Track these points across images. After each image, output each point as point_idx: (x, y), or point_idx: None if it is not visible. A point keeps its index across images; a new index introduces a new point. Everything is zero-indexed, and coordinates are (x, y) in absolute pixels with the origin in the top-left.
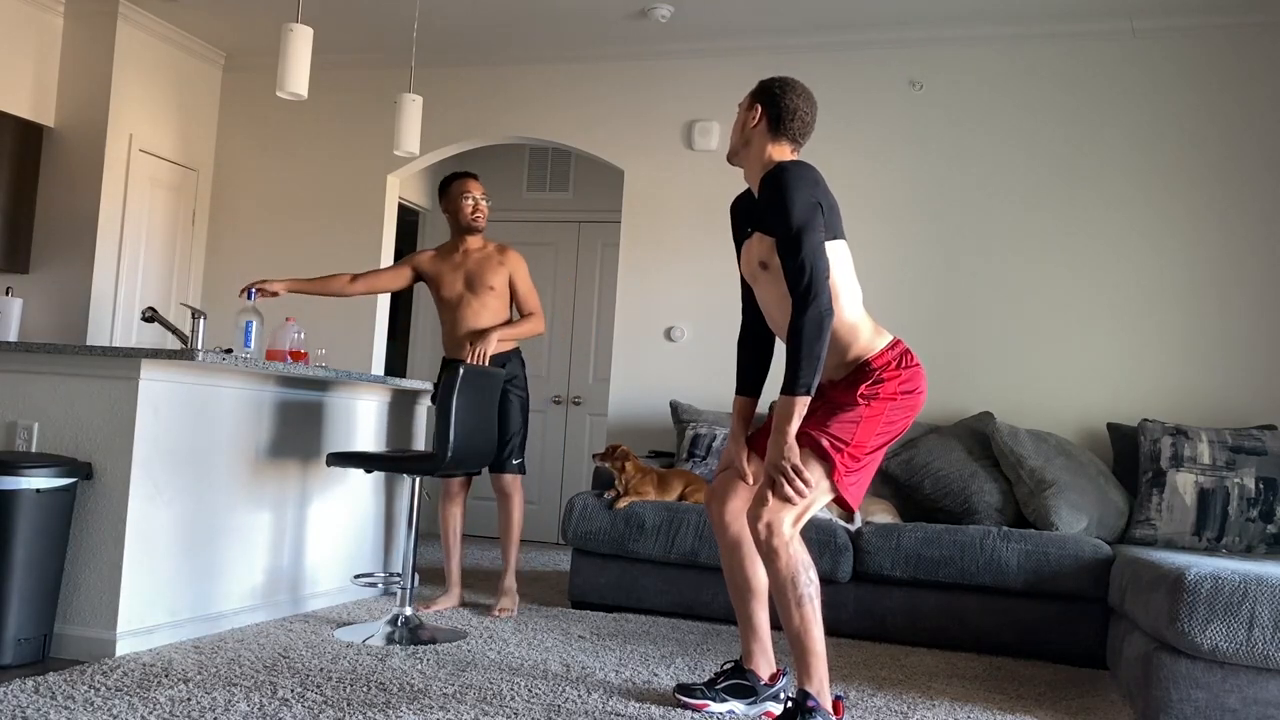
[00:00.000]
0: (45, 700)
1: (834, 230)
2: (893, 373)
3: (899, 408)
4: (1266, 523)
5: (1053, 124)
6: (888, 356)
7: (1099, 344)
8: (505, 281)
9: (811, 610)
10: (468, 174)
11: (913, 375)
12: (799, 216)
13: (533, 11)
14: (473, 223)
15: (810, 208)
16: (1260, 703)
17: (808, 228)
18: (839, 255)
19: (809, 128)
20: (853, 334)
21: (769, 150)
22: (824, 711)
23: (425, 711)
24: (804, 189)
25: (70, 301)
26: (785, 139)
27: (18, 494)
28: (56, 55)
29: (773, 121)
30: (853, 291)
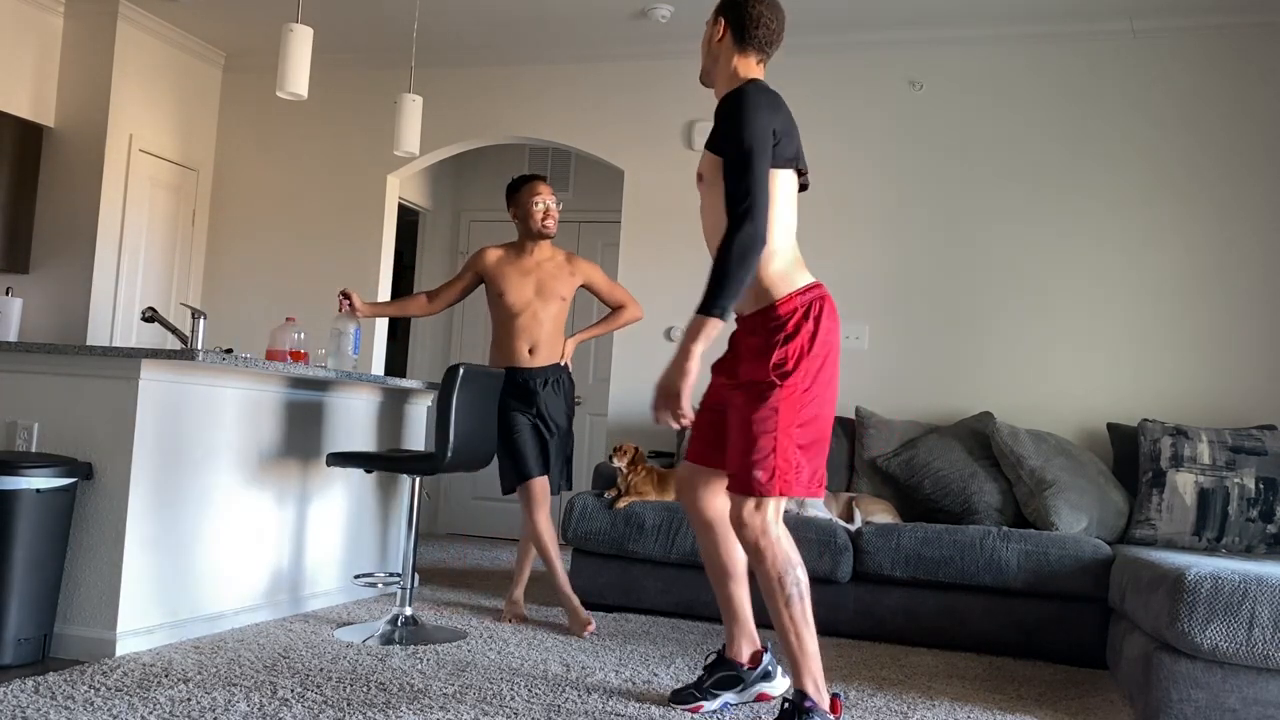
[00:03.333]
0: (45, 700)
1: (782, 157)
2: (799, 324)
3: (814, 373)
4: (1266, 523)
5: (1053, 124)
6: (795, 303)
7: (1099, 344)
8: (573, 291)
9: (800, 610)
10: (537, 176)
11: (822, 331)
12: (749, 141)
13: (533, 11)
14: (544, 229)
15: (762, 133)
16: (1260, 703)
17: (756, 154)
18: (780, 183)
19: (775, 35)
20: (768, 260)
21: (735, 63)
22: (821, 711)
23: (425, 711)
24: (759, 113)
25: (70, 301)
26: (751, 49)
27: (18, 494)
28: (56, 55)
29: (737, 32)
30: (785, 222)
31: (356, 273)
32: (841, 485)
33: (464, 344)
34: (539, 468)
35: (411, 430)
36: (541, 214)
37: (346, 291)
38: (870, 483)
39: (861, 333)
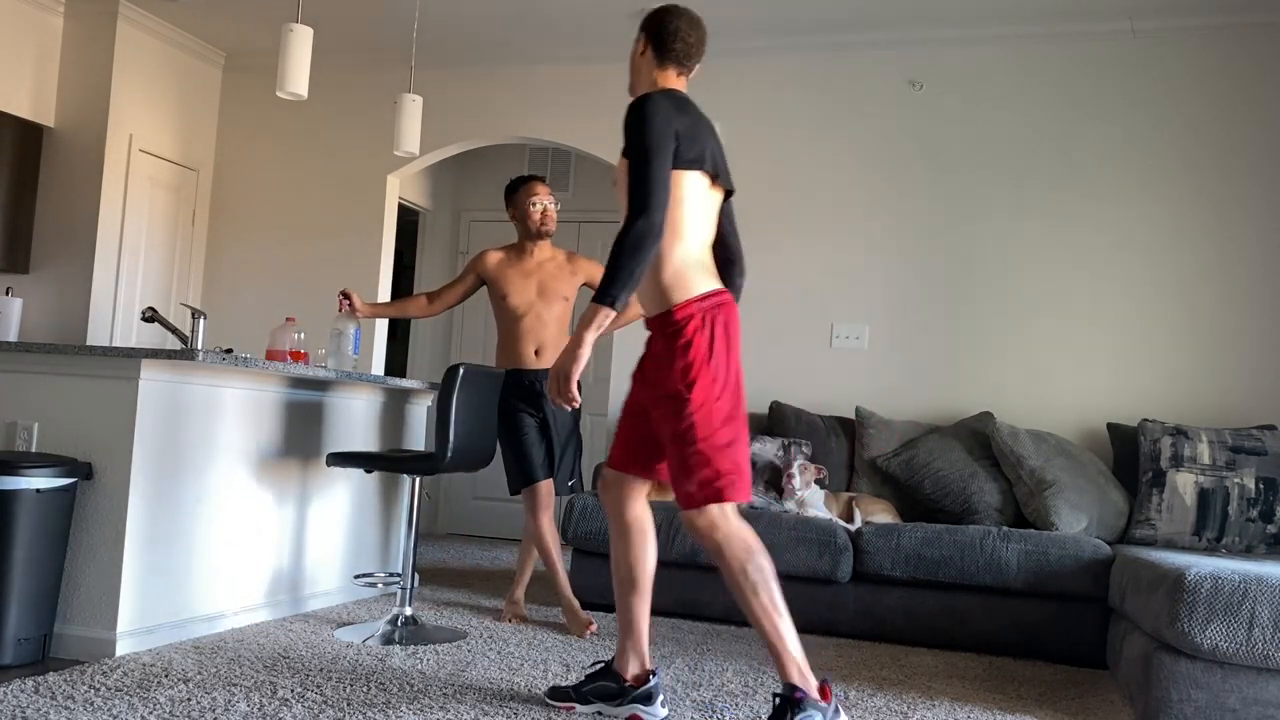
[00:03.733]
0: (45, 700)
1: (684, 159)
2: (695, 331)
3: (721, 379)
4: (1266, 523)
5: (1053, 124)
6: (692, 309)
7: (1099, 344)
8: (576, 291)
9: (768, 598)
10: (534, 177)
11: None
12: (646, 141)
13: (533, 11)
14: (542, 229)
15: (660, 134)
16: (1260, 703)
17: (653, 153)
18: (684, 185)
19: (693, 49)
20: (667, 263)
21: (655, 76)
22: (812, 700)
23: (425, 711)
24: (658, 116)
25: (70, 301)
26: (670, 62)
27: (18, 494)
28: (56, 55)
29: (656, 46)
30: (690, 226)
31: (356, 273)
32: (841, 485)
33: (464, 344)
34: (544, 470)
35: (411, 430)
36: (539, 215)
37: (346, 292)
38: (870, 483)
39: (861, 333)
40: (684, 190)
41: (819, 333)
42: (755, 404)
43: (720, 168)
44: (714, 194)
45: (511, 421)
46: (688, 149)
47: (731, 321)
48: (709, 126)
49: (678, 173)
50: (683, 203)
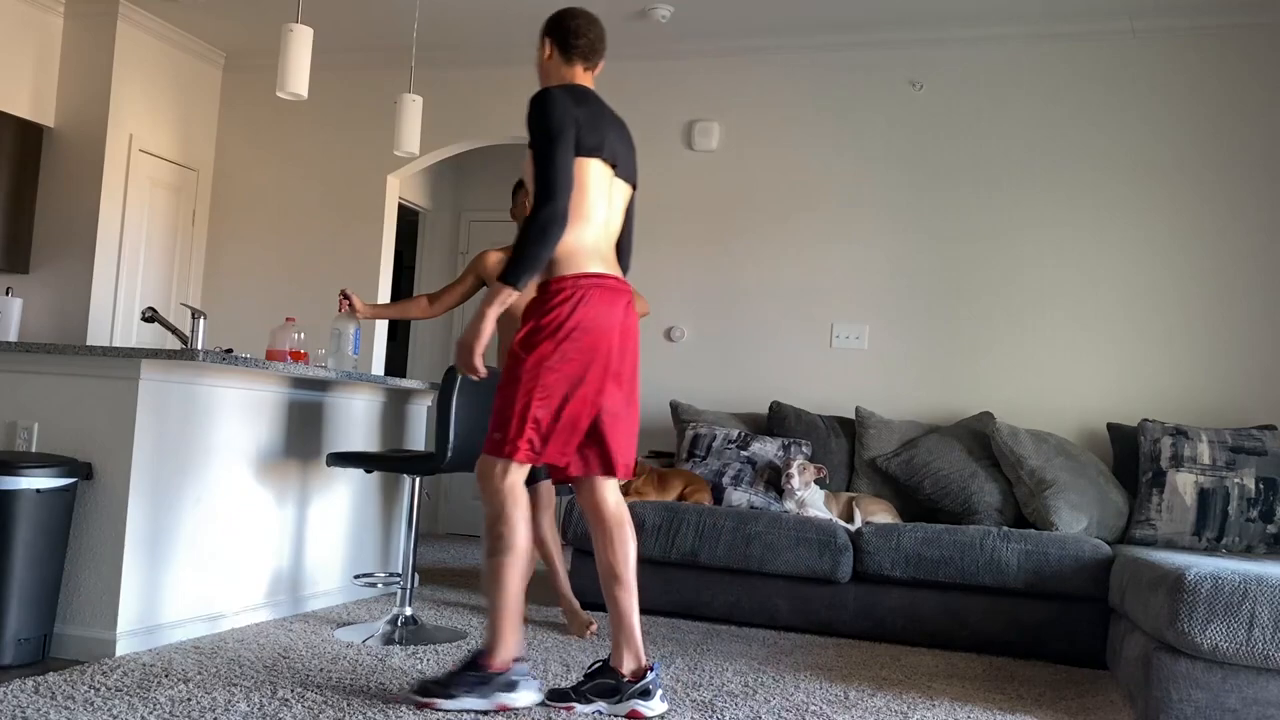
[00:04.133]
0: (45, 700)
1: (584, 146)
2: (559, 304)
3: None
4: (1266, 523)
5: (1053, 124)
6: (566, 284)
7: (1099, 344)
8: None
9: (499, 563)
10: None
11: (579, 318)
12: (547, 129)
13: (533, 11)
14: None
15: (560, 122)
16: (1260, 703)
17: (554, 140)
18: (590, 173)
19: (595, 44)
20: (564, 244)
21: (564, 75)
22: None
23: (425, 711)
24: (557, 105)
25: (70, 301)
26: (576, 59)
27: (18, 494)
28: (56, 55)
29: (561, 47)
30: (592, 213)
31: (356, 273)
32: (841, 485)
33: None
34: (544, 471)
35: (411, 430)
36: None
37: (346, 292)
38: (870, 483)
39: (861, 333)
40: (585, 177)
41: (819, 333)
42: (755, 404)
43: (621, 160)
44: (618, 185)
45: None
46: (587, 137)
47: (605, 303)
48: (614, 121)
49: (578, 160)
50: (584, 188)
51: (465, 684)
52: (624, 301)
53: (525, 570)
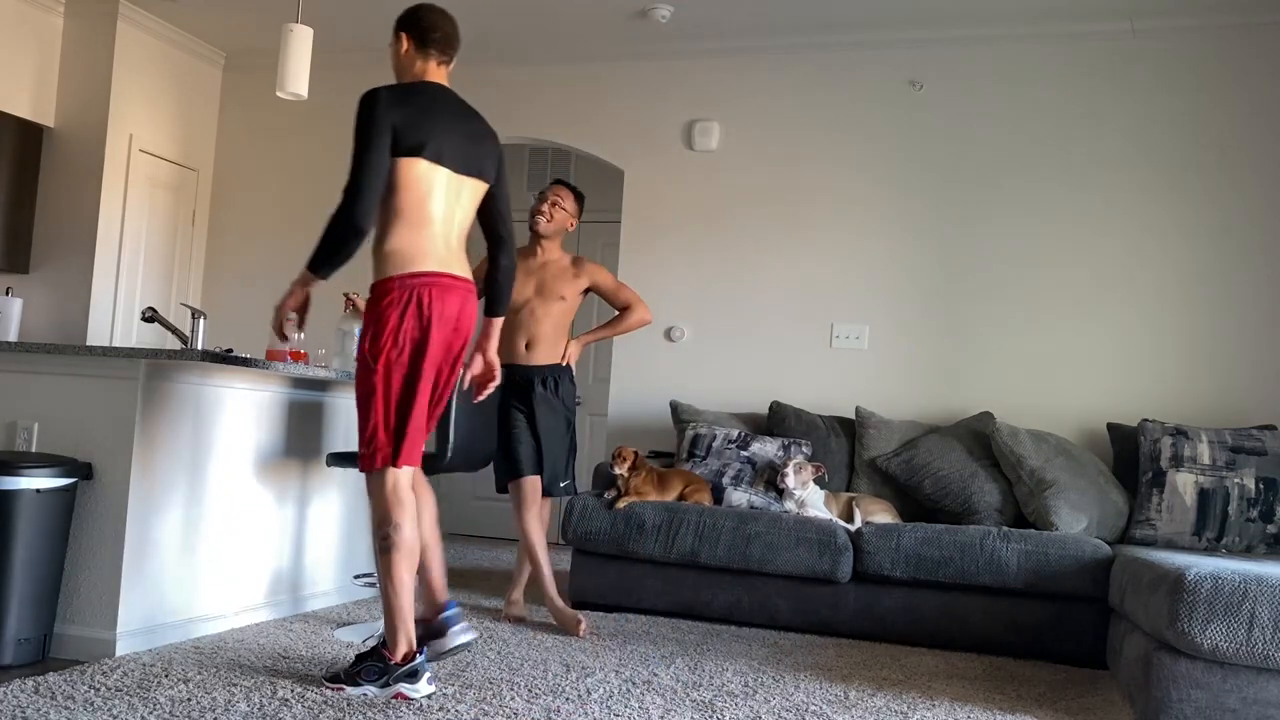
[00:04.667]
0: (45, 700)
1: (405, 146)
2: (391, 304)
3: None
4: (1266, 523)
5: (1052, 124)
6: (394, 284)
7: (1099, 344)
8: (577, 294)
9: (390, 561)
10: (561, 181)
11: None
12: (360, 134)
13: (533, 12)
14: (533, 224)
15: (374, 125)
16: (1260, 703)
17: (364, 143)
18: (408, 172)
19: (451, 38)
20: (385, 240)
21: (419, 69)
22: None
23: (425, 712)
24: (377, 107)
25: (70, 301)
26: (432, 52)
27: (18, 494)
28: (56, 55)
29: (418, 41)
30: (418, 212)
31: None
32: (841, 485)
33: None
34: (530, 467)
35: None
36: (533, 210)
37: (350, 295)
38: (870, 483)
39: (861, 333)
40: (403, 177)
41: (819, 333)
42: (755, 404)
43: (459, 158)
44: (465, 182)
45: (502, 416)
46: (408, 137)
47: (440, 301)
48: (457, 118)
49: (397, 160)
50: (404, 188)
51: (368, 673)
52: (458, 298)
53: (414, 565)
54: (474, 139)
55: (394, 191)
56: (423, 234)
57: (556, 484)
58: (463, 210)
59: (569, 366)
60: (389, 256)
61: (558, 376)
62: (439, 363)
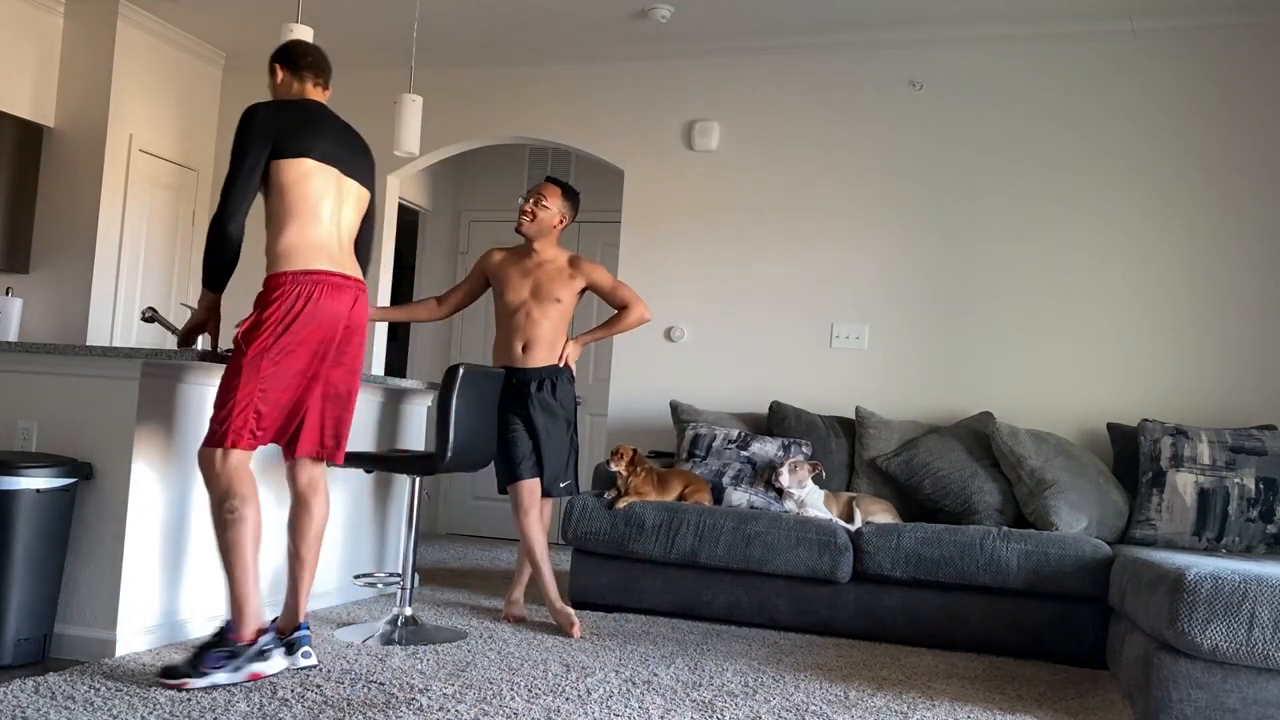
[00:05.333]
0: (45, 700)
1: (286, 150)
2: (276, 299)
3: (282, 348)
4: (1266, 523)
5: (1052, 124)
6: (282, 280)
7: (1099, 344)
8: (574, 295)
9: (234, 540)
10: (549, 178)
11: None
12: (237, 147)
13: (533, 12)
14: (517, 225)
15: (251, 135)
16: (1260, 703)
17: (239, 153)
18: (291, 174)
19: (322, 62)
20: (275, 239)
21: (295, 91)
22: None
23: (425, 712)
24: (255, 121)
25: (70, 301)
26: (306, 75)
27: (18, 494)
28: (56, 55)
29: (291, 69)
30: (302, 213)
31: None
32: (841, 485)
33: (464, 344)
34: (529, 470)
35: (411, 430)
36: (519, 211)
37: None
38: (870, 483)
39: (861, 333)
40: (286, 178)
41: (819, 333)
42: (755, 404)
43: (344, 164)
44: (349, 185)
45: (501, 418)
46: (293, 141)
47: (328, 299)
48: (339, 130)
49: (279, 162)
50: (296, 187)
51: (213, 661)
52: (349, 297)
53: (258, 541)
54: (355, 149)
55: (286, 191)
56: (312, 233)
57: (556, 484)
58: (350, 213)
59: (567, 367)
60: (280, 254)
61: (555, 378)
62: (319, 359)
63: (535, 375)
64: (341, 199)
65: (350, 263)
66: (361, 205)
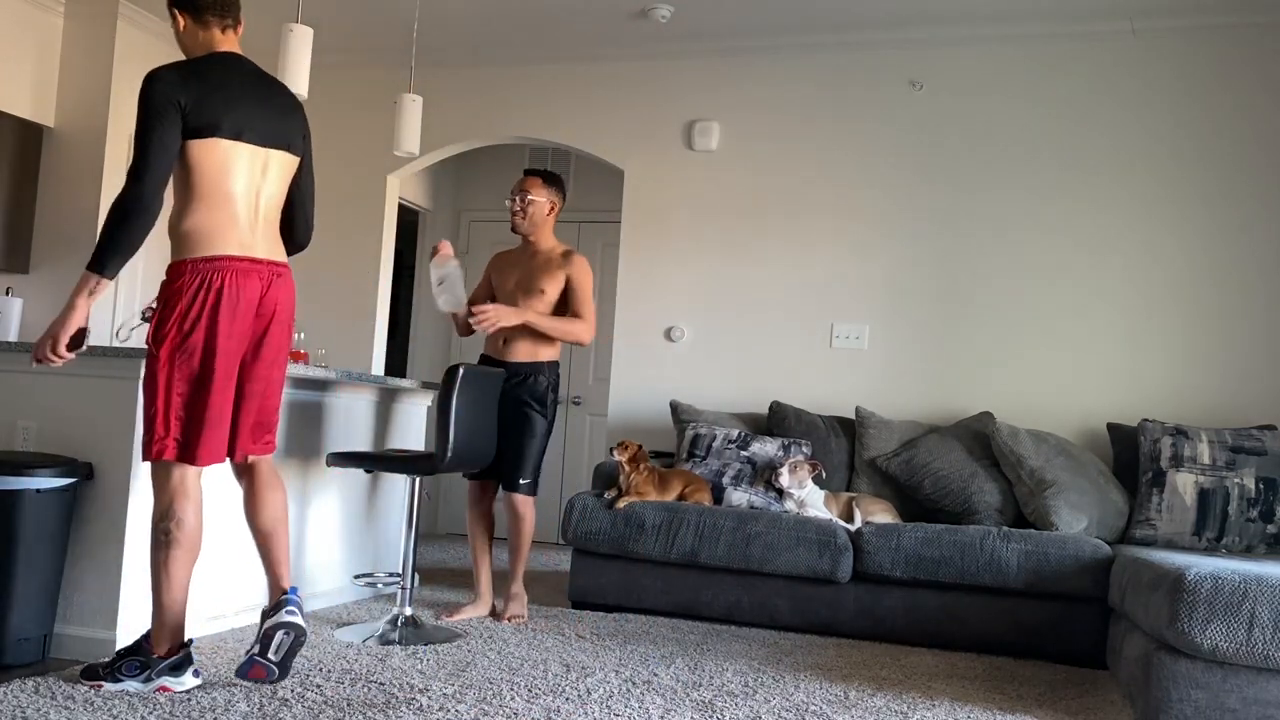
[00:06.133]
0: (45, 700)
1: (193, 126)
2: (182, 289)
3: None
4: (1266, 523)
5: (1052, 124)
6: (186, 268)
7: (1099, 344)
8: (559, 287)
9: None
10: (527, 171)
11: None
12: (143, 115)
13: (533, 11)
14: (512, 226)
15: (156, 106)
16: (1260, 703)
17: (146, 125)
18: (210, 151)
19: (225, 2)
20: (178, 222)
21: (201, 39)
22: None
23: (425, 712)
24: (158, 89)
25: None
26: (211, 19)
27: (18, 494)
28: (56, 55)
29: (192, 12)
30: (212, 193)
31: (356, 273)
32: (841, 485)
33: (464, 344)
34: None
35: (411, 430)
36: (510, 213)
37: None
38: (870, 483)
39: (861, 333)
40: (198, 156)
41: (819, 333)
42: (755, 404)
43: (261, 130)
44: (271, 156)
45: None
46: (199, 116)
47: (235, 287)
48: (253, 87)
49: (192, 142)
50: (200, 168)
51: (128, 668)
52: (260, 283)
53: (193, 560)
54: (278, 111)
55: (190, 171)
56: (220, 215)
57: (516, 481)
58: (271, 187)
59: (550, 363)
60: (184, 238)
61: (531, 373)
62: (238, 352)
63: (511, 369)
64: (259, 173)
65: (267, 244)
66: (287, 174)
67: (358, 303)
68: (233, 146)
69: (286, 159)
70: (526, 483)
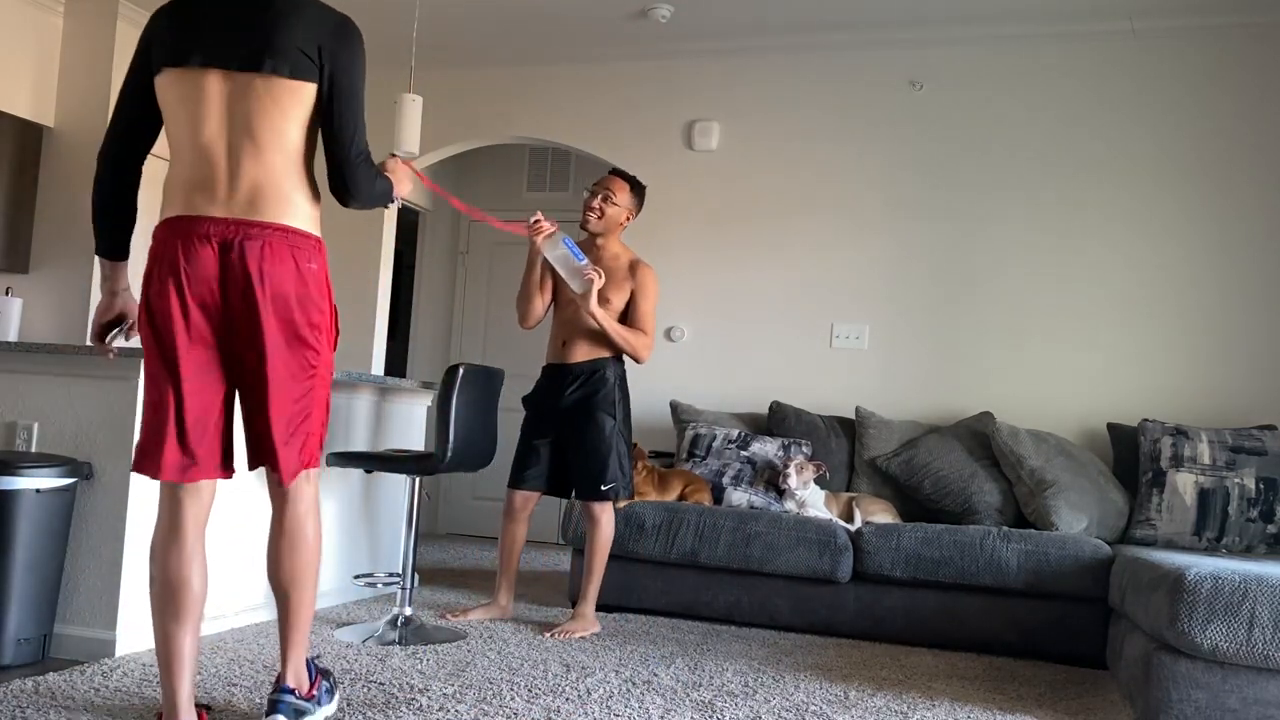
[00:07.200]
0: (45, 700)
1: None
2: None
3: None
4: (1266, 523)
5: (1052, 124)
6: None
7: (1099, 344)
8: (625, 298)
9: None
10: (614, 171)
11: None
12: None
13: (533, 11)
14: (582, 220)
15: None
16: (1260, 703)
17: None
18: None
19: None
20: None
21: None
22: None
23: (425, 712)
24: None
25: (70, 301)
26: None
27: (18, 494)
28: (56, 55)
29: None
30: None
31: (356, 273)
32: (841, 485)
33: (464, 344)
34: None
35: (411, 430)
36: (584, 206)
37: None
38: (870, 483)
39: (861, 333)
40: (163, 99)
41: (819, 333)
42: (755, 404)
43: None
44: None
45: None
46: (163, 47)
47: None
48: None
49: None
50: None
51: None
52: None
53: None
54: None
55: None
56: (176, 166)
57: (596, 488)
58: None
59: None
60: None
61: (596, 369)
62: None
63: (572, 372)
64: (225, 104)
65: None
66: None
67: (358, 303)
68: (188, 76)
69: (273, 84)
70: (609, 487)
